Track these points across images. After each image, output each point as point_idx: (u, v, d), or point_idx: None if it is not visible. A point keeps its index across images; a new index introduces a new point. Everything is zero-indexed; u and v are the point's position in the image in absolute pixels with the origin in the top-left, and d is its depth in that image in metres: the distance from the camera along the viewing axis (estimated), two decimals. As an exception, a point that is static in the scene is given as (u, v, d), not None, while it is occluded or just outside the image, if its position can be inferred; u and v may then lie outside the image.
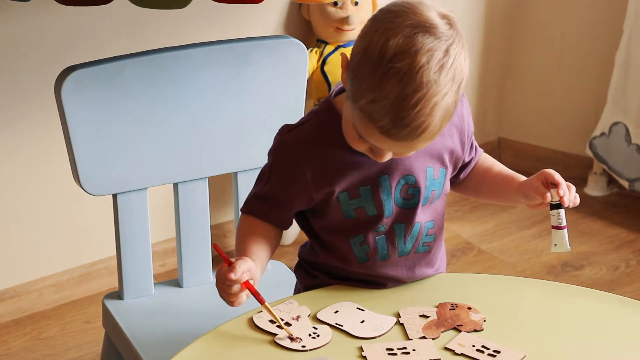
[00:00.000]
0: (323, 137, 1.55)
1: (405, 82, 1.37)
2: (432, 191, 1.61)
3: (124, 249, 1.88)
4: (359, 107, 1.42)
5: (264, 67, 1.90)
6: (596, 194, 3.28)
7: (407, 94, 1.37)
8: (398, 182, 1.57)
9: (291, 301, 1.53)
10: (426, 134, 1.41)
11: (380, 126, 1.40)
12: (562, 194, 1.54)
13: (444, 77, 1.39)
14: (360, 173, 1.55)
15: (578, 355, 1.44)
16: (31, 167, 2.58)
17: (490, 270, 2.86)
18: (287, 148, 1.56)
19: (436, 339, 1.47)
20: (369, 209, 1.57)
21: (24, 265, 2.66)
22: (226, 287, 1.45)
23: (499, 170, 1.68)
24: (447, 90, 1.40)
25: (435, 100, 1.39)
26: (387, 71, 1.37)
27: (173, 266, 2.82)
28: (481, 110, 3.41)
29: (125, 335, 1.81)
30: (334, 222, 1.59)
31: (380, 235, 1.59)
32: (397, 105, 1.38)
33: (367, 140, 1.46)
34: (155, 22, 2.60)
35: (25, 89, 2.50)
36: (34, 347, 2.58)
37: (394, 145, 1.45)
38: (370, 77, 1.39)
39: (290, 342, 1.45)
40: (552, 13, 3.28)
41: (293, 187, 1.56)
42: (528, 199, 1.59)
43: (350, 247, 1.59)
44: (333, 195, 1.56)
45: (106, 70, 1.80)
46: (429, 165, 1.59)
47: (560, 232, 1.55)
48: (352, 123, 1.46)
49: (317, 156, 1.54)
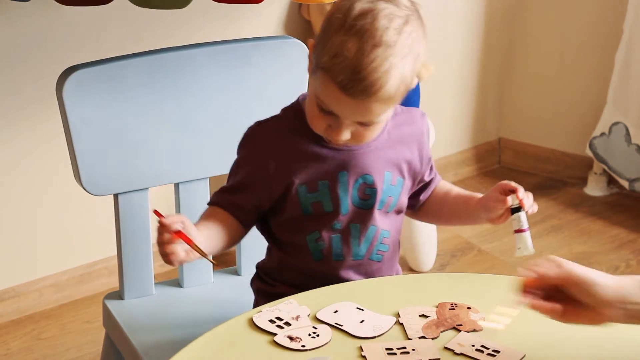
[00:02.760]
0: (287, 130, 1.62)
1: (366, 39, 1.46)
2: (388, 196, 1.65)
3: (124, 249, 1.88)
4: (321, 66, 1.50)
5: (265, 67, 1.90)
6: (596, 194, 3.29)
7: (366, 49, 1.46)
8: (356, 180, 1.62)
9: (291, 301, 1.53)
10: (382, 92, 1.48)
11: (339, 81, 1.47)
12: (521, 196, 1.59)
13: (402, 41, 1.48)
14: (321, 167, 1.61)
15: (578, 355, 1.44)
16: (32, 167, 2.59)
17: (490, 270, 2.86)
18: (252, 140, 1.64)
19: (436, 338, 1.47)
20: (326, 204, 1.62)
21: (24, 265, 2.66)
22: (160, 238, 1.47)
23: (458, 192, 1.74)
24: (405, 55, 1.48)
25: (392, 60, 1.47)
26: (351, 28, 1.47)
27: (173, 266, 2.82)
28: (481, 110, 3.41)
29: (126, 335, 1.81)
30: (291, 217, 1.63)
31: (336, 233, 1.63)
32: (356, 59, 1.46)
33: (327, 104, 1.52)
34: (155, 22, 2.60)
35: (25, 89, 2.50)
36: (34, 347, 2.58)
37: (350, 107, 1.50)
38: (335, 34, 1.48)
39: (290, 342, 1.45)
40: (552, 13, 3.28)
41: (257, 178, 1.62)
42: (489, 211, 1.63)
43: (306, 243, 1.63)
44: (293, 187, 1.61)
45: (107, 71, 1.80)
46: (387, 170, 1.64)
47: (523, 235, 1.57)
48: (314, 94, 1.54)
49: (280, 148, 1.61)
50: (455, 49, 3.27)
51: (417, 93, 2.57)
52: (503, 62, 3.39)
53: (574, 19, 3.25)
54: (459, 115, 3.36)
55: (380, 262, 1.68)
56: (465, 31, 3.26)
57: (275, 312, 1.50)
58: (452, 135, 3.37)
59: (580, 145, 3.31)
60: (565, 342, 1.44)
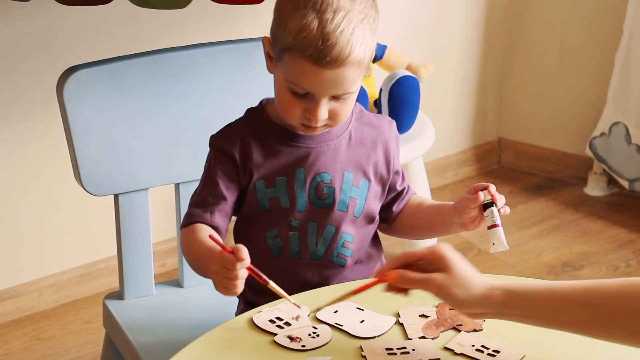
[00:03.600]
0: (248, 128, 1.65)
1: (324, 9, 1.52)
2: (350, 197, 1.65)
3: (125, 249, 1.88)
4: (287, 47, 1.53)
5: (265, 68, 1.90)
6: (596, 194, 3.28)
7: (328, 18, 1.51)
8: (313, 178, 1.64)
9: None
10: (353, 56, 1.52)
11: (310, 54, 1.51)
12: (493, 192, 1.59)
13: (357, 7, 1.54)
14: (279, 162, 1.63)
15: (577, 355, 1.44)
16: (32, 167, 2.59)
17: (490, 270, 2.86)
18: (217, 141, 1.65)
19: (436, 338, 1.47)
20: (282, 201, 1.63)
21: (24, 265, 2.66)
22: (231, 274, 1.43)
23: (431, 203, 1.75)
24: (362, 19, 1.54)
25: (353, 24, 1.52)
26: (307, 3, 1.53)
27: (173, 266, 2.82)
28: (481, 110, 3.41)
29: (126, 335, 1.82)
30: (250, 213, 1.64)
31: (294, 231, 1.64)
32: (320, 29, 1.51)
33: (300, 84, 1.54)
34: (155, 22, 2.60)
35: (25, 89, 2.50)
36: (34, 347, 2.58)
37: (325, 79, 1.53)
38: (293, 14, 1.53)
39: (290, 342, 1.45)
40: (552, 13, 3.28)
41: (227, 171, 1.63)
42: (461, 212, 1.62)
43: (266, 240, 1.64)
44: (251, 181, 1.62)
45: (108, 71, 1.81)
46: (347, 170, 1.65)
47: (497, 230, 1.56)
48: (284, 82, 1.56)
49: (242, 144, 1.63)
50: (455, 49, 3.27)
51: (417, 93, 2.57)
52: (503, 62, 3.39)
53: (574, 19, 3.25)
54: (459, 115, 3.36)
55: (343, 267, 1.68)
56: (465, 31, 3.26)
57: (275, 312, 1.50)
58: (452, 135, 3.37)
59: (580, 145, 3.31)
60: (565, 342, 1.44)
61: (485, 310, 1.40)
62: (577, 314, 1.36)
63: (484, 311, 1.41)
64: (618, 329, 1.35)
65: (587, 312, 1.35)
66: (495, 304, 1.39)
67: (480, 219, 1.62)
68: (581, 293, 1.37)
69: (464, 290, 1.39)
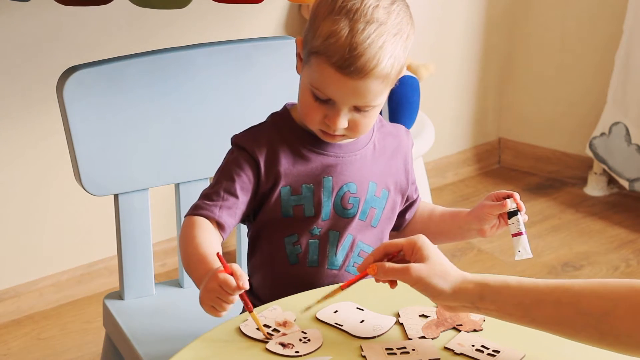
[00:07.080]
0: (276, 133, 1.62)
1: (357, 17, 1.49)
2: (371, 207, 1.64)
3: (125, 249, 1.88)
4: (315, 50, 1.51)
5: (265, 68, 1.90)
6: (596, 194, 3.28)
7: (359, 28, 1.49)
8: (341, 187, 1.61)
9: (275, 307, 1.52)
10: (378, 69, 1.50)
11: (335, 62, 1.49)
12: (518, 200, 1.59)
13: (392, 21, 1.51)
14: (306, 169, 1.60)
15: (577, 355, 1.44)
16: (32, 167, 2.59)
17: (490, 270, 2.86)
18: (242, 142, 1.62)
19: (436, 338, 1.47)
20: (307, 209, 1.61)
21: (24, 265, 2.66)
22: (227, 298, 1.40)
23: (443, 210, 1.74)
24: (395, 34, 1.51)
25: (384, 38, 1.50)
26: (340, 10, 1.50)
27: (173, 266, 2.82)
28: (481, 110, 3.41)
29: (126, 336, 1.82)
30: (270, 219, 1.61)
31: (314, 239, 1.62)
32: (350, 37, 1.49)
33: (323, 90, 1.52)
34: (155, 22, 2.60)
35: (25, 89, 2.50)
36: (34, 347, 2.58)
37: (348, 88, 1.51)
38: (326, 18, 1.51)
39: (282, 349, 1.43)
40: (552, 13, 3.28)
41: (246, 173, 1.59)
42: (483, 220, 1.62)
43: (284, 245, 1.62)
44: (276, 187, 1.59)
45: (108, 71, 1.81)
46: (372, 180, 1.64)
47: (522, 238, 1.58)
48: (308, 85, 1.54)
49: (270, 149, 1.60)
50: (455, 49, 3.27)
51: (417, 93, 2.57)
52: (503, 62, 3.39)
53: (574, 19, 3.25)
54: (459, 115, 3.37)
55: None
56: (465, 31, 3.26)
57: (261, 319, 1.48)
58: (452, 135, 3.37)
59: (580, 145, 3.31)
60: (565, 342, 1.44)
61: (461, 303, 1.41)
62: (549, 311, 1.36)
63: (460, 304, 1.41)
64: (587, 330, 1.34)
65: (558, 311, 1.35)
66: (470, 297, 1.40)
67: (498, 226, 1.63)
68: (554, 291, 1.36)
69: (443, 280, 1.40)
